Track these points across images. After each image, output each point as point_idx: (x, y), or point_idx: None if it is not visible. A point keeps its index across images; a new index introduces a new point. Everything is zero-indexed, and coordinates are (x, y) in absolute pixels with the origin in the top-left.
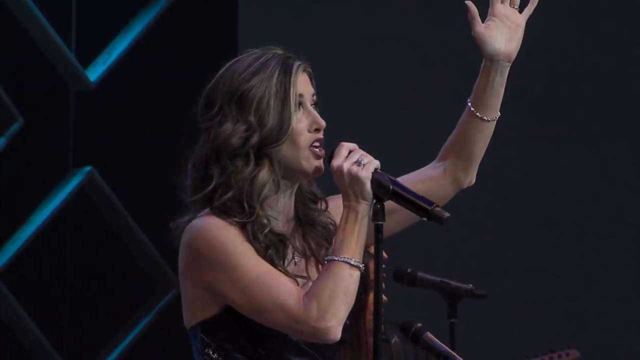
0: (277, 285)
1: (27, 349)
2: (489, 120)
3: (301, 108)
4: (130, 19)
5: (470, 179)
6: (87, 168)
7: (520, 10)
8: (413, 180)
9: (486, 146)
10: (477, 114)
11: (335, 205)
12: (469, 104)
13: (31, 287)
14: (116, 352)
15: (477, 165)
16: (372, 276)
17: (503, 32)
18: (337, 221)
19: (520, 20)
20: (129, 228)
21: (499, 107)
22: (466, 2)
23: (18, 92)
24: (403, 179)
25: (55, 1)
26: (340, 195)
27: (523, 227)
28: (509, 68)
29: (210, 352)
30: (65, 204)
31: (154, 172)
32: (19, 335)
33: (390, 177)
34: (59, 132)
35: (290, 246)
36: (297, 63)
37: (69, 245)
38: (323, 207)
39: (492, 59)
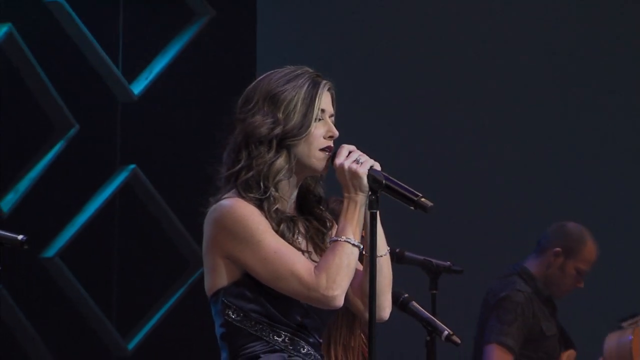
0: (292, 258)
1: (83, 316)
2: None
3: (321, 119)
4: (168, 42)
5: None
6: (132, 166)
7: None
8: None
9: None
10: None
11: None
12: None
13: (85, 265)
14: (155, 318)
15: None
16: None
17: None
18: (333, 219)
19: None
20: (166, 216)
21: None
22: None
23: (75, 103)
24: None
25: (105, 26)
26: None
27: (494, 216)
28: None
29: (230, 313)
30: (113, 196)
31: (187, 169)
32: (76, 305)
33: (383, 173)
34: (108, 136)
35: (296, 227)
36: (324, 81)
37: (116, 231)
38: (324, 207)
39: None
